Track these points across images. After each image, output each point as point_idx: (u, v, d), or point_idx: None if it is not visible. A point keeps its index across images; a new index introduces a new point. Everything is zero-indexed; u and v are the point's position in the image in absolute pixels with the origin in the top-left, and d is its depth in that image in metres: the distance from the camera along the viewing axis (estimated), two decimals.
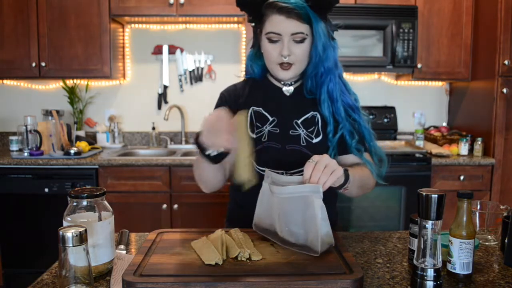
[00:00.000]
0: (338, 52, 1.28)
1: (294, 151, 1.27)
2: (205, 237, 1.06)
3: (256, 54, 1.35)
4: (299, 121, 1.29)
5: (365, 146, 1.29)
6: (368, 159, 1.28)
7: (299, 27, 1.20)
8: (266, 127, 1.29)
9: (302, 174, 1.04)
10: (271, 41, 1.23)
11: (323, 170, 1.01)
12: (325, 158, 1.04)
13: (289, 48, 1.21)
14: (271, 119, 1.29)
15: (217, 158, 1.12)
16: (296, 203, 1.01)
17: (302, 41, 1.22)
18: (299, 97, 1.32)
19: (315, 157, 1.04)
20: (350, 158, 1.29)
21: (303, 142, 1.27)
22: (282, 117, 1.29)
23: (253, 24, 1.30)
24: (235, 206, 1.41)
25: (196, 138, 1.11)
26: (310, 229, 0.99)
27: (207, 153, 1.11)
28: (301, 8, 1.18)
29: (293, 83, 1.33)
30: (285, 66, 1.24)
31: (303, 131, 1.28)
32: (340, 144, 1.27)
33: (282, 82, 1.33)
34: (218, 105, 1.36)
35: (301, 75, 1.32)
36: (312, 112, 1.30)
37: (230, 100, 1.34)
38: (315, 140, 1.28)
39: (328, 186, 1.02)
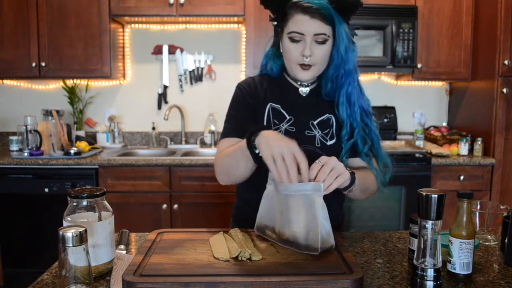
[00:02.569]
0: (357, 56, 1.27)
1: (308, 152, 1.26)
2: (222, 233, 1.10)
3: (275, 53, 1.35)
4: (315, 122, 1.29)
5: (373, 152, 1.29)
6: (375, 166, 1.29)
7: (322, 28, 1.19)
8: (283, 125, 1.28)
9: None
10: (293, 40, 1.22)
11: (329, 172, 1.01)
12: (332, 161, 1.03)
13: (310, 48, 1.20)
14: (288, 117, 1.29)
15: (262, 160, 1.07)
16: (299, 201, 1.02)
17: (323, 42, 1.21)
18: (314, 99, 1.32)
19: (323, 159, 1.04)
20: (357, 161, 1.30)
21: (317, 144, 1.27)
22: (299, 117, 1.29)
23: (275, 23, 1.29)
24: (243, 205, 1.40)
25: (250, 135, 1.07)
26: (311, 227, 0.99)
27: (257, 151, 1.08)
28: (325, 9, 1.17)
29: (309, 84, 1.33)
30: (305, 66, 1.24)
31: (318, 132, 1.28)
32: (352, 148, 1.27)
33: (299, 83, 1.32)
34: (238, 96, 1.34)
35: (317, 77, 1.31)
36: (327, 114, 1.30)
37: (251, 91, 1.33)
38: (329, 143, 1.28)
39: (332, 190, 1.01)
